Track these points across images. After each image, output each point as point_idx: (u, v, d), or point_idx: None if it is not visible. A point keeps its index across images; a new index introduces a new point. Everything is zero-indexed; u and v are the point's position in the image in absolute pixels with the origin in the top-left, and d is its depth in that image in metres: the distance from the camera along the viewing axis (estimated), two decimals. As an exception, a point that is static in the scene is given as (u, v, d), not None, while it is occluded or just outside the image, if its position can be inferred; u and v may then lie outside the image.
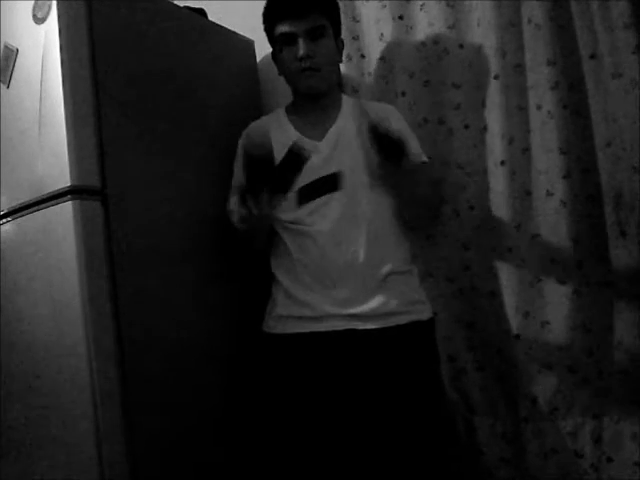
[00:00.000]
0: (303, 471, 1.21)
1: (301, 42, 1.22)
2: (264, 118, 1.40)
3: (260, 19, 1.30)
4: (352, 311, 1.21)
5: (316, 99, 1.30)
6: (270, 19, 1.28)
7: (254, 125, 1.37)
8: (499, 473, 1.44)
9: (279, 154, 1.28)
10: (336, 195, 1.24)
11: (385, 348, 1.20)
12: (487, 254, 1.47)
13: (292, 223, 1.26)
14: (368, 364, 1.20)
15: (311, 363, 1.22)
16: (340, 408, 1.21)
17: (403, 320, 1.21)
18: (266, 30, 1.30)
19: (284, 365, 1.24)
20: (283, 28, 1.24)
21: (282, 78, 1.33)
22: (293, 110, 1.35)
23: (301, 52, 1.22)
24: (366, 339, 1.20)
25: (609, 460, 1.37)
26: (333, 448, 1.21)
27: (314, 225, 1.24)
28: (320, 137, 1.28)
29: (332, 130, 1.28)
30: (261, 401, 1.30)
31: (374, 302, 1.21)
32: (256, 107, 1.60)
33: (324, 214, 1.24)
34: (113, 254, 1.14)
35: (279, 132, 1.30)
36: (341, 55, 1.35)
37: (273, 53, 1.32)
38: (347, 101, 1.35)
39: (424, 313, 1.26)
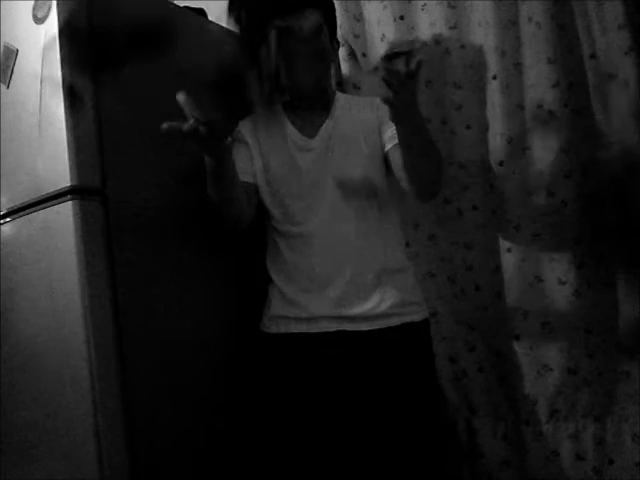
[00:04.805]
0: (297, 471, 1.21)
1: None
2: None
3: (260, 19, 1.30)
4: (344, 312, 1.21)
5: (309, 96, 1.30)
6: (265, 16, 1.28)
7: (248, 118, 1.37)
8: (500, 475, 1.44)
9: (275, 148, 1.29)
10: (327, 193, 1.24)
11: (376, 350, 1.20)
12: (489, 254, 1.47)
13: (283, 222, 1.27)
14: (359, 366, 1.20)
15: (304, 364, 1.22)
16: (333, 409, 1.21)
17: (395, 322, 1.21)
18: (260, 26, 1.30)
19: (279, 365, 1.24)
20: (277, 24, 1.23)
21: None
22: (289, 107, 1.35)
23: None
24: (357, 341, 1.20)
25: (611, 462, 1.36)
26: (327, 449, 1.20)
27: (304, 224, 1.24)
28: (314, 134, 1.28)
29: (324, 127, 1.28)
30: (258, 401, 1.30)
31: (366, 304, 1.21)
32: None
33: (314, 213, 1.24)
34: (113, 254, 1.14)
35: (276, 127, 1.31)
36: (336, 54, 1.35)
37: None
38: (340, 98, 1.35)
39: (418, 314, 1.25)
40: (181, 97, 1.02)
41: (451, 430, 1.49)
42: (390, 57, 0.95)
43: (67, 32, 1.10)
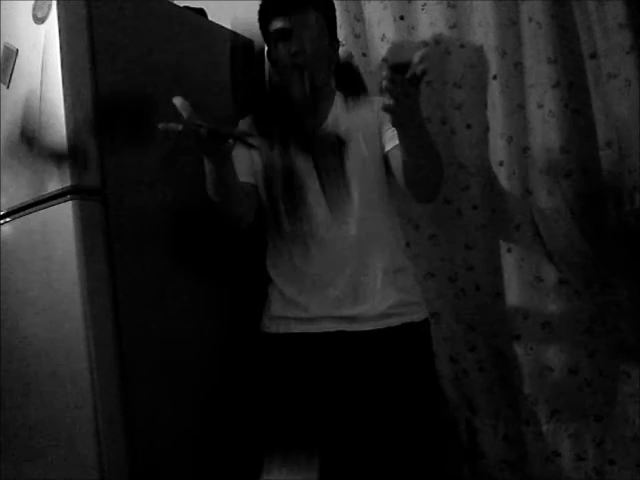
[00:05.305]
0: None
1: (295, 38, 1.22)
2: None
3: (260, 19, 1.31)
4: (344, 313, 1.21)
5: (302, 78, 1.29)
6: (265, 15, 1.28)
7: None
8: (500, 475, 1.43)
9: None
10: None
11: (376, 350, 1.20)
12: (489, 254, 1.47)
13: (282, 223, 1.27)
14: (360, 366, 1.20)
15: (304, 363, 1.22)
16: (333, 410, 1.21)
17: (395, 322, 1.21)
18: (261, 27, 1.31)
19: (279, 365, 1.25)
20: (277, 24, 1.24)
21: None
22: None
23: (294, 47, 1.22)
24: (357, 341, 1.20)
25: (611, 462, 1.36)
26: (327, 449, 1.20)
27: (304, 225, 1.24)
28: (312, 133, 1.28)
29: (324, 127, 1.28)
30: (258, 400, 1.30)
31: (366, 304, 1.21)
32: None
33: (314, 213, 1.24)
34: (113, 254, 1.14)
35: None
36: (336, 54, 1.35)
37: (268, 50, 1.32)
38: (340, 97, 1.35)
39: (417, 314, 1.25)
40: (178, 101, 1.02)
41: (451, 430, 1.48)
42: (395, 68, 0.92)
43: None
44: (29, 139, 1.13)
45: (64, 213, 1.12)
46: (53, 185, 1.14)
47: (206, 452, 1.25)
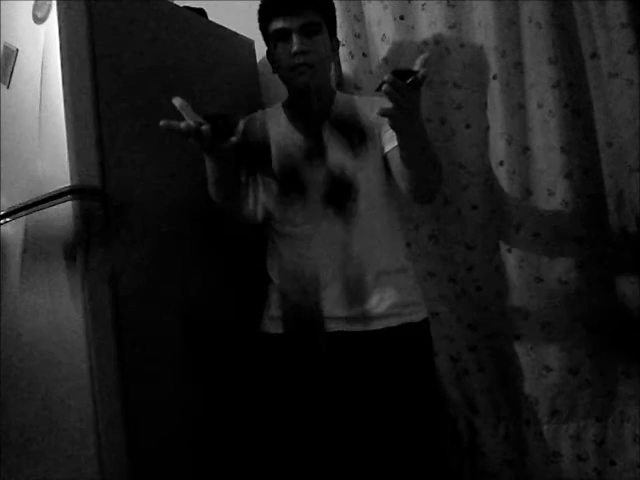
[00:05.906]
0: (297, 470, 1.21)
1: (295, 38, 1.22)
2: (265, 110, 1.41)
3: (260, 19, 1.31)
4: (343, 313, 1.21)
5: (309, 95, 1.30)
6: (265, 15, 1.28)
7: (255, 114, 1.38)
8: (501, 475, 1.43)
9: (275, 148, 1.29)
10: None
11: (375, 350, 1.20)
12: (489, 254, 1.47)
13: (283, 222, 1.27)
14: (359, 366, 1.20)
15: (303, 364, 1.22)
16: (332, 410, 1.21)
17: (394, 322, 1.20)
18: (261, 27, 1.31)
19: (278, 364, 1.25)
20: (277, 24, 1.24)
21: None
22: (289, 106, 1.35)
23: (295, 48, 1.22)
24: (356, 341, 1.20)
25: (612, 463, 1.36)
26: (326, 449, 1.20)
27: (304, 225, 1.24)
28: (312, 134, 1.28)
29: (324, 127, 1.28)
30: (258, 401, 1.30)
31: (365, 304, 1.21)
32: (256, 107, 1.60)
33: (314, 213, 1.24)
34: (113, 254, 1.14)
35: (275, 126, 1.31)
36: (336, 54, 1.35)
37: (268, 51, 1.32)
38: (340, 98, 1.35)
39: (417, 315, 1.25)
40: (177, 101, 1.02)
41: (451, 430, 1.48)
42: (396, 73, 0.93)
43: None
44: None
45: (64, 213, 1.12)
46: (53, 185, 1.14)
47: (206, 452, 1.25)
